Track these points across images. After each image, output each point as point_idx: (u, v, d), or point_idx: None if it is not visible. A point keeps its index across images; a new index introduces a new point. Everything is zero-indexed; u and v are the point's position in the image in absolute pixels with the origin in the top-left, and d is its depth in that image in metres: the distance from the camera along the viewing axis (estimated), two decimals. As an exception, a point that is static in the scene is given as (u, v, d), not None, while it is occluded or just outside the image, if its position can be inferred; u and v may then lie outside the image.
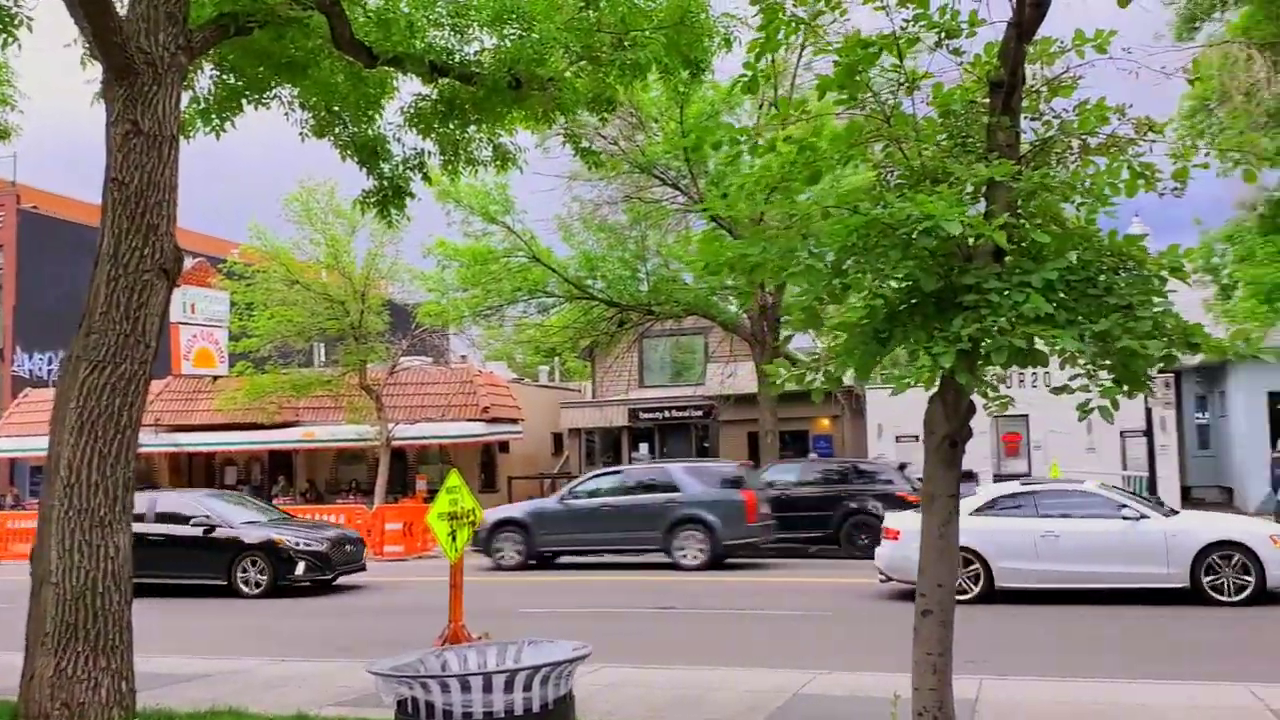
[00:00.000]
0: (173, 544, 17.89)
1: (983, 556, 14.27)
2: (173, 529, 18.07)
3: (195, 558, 17.89)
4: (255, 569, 17.68)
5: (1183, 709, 8.29)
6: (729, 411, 32.43)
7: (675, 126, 25.09)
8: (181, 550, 17.89)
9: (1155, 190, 5.95)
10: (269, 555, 17.64)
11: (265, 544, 17.73)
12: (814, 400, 6.26)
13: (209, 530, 17.96)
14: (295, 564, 17.63)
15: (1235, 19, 21.68)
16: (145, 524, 18.06)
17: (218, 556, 17.79)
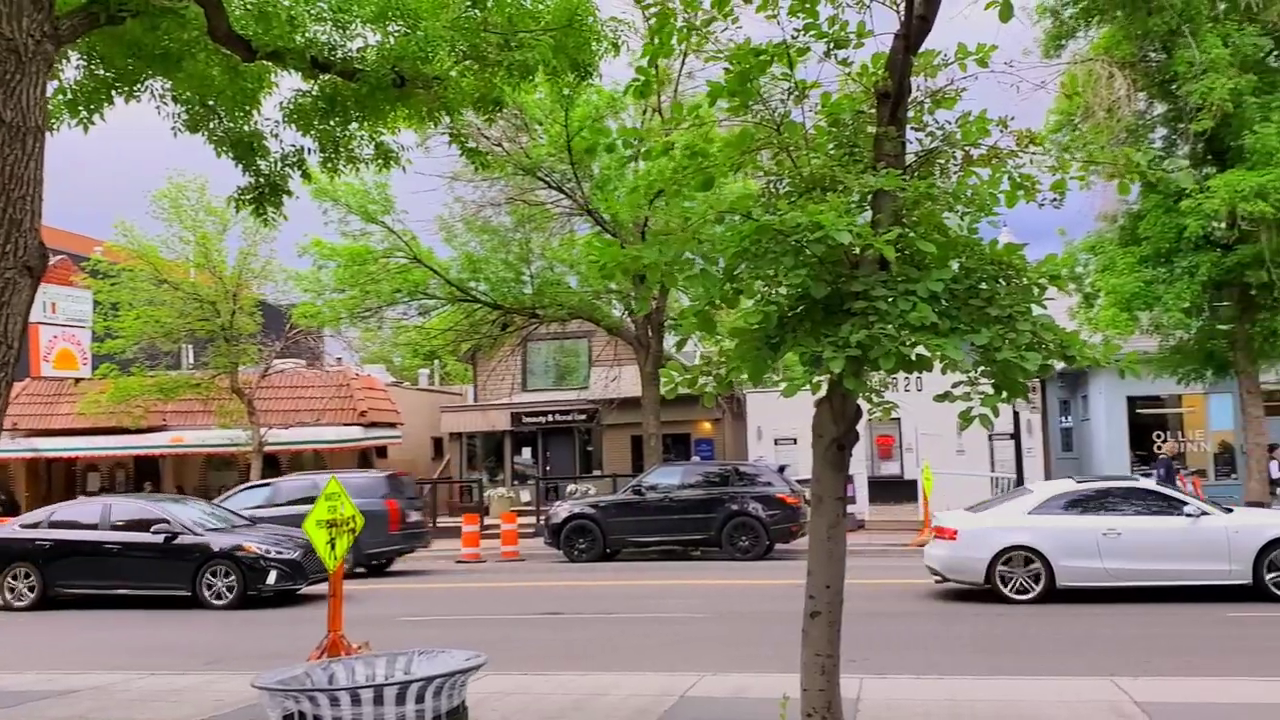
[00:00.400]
0: (131, 553, 17.00)
1: (1044, 555, 14.29)
2: (131, 536, 17.13)
3: (156, 567, 16.91)
4: (223, 578, 16.67)
5: (1051, 704, 8.57)
6: (612, 415, 32.46)
7: (560, 129, 25.01)
8: (141, 560, 16.95)
9: (1035, 201, 6.14)
10: (238, 564, 16.66)
11: (234, 552, 16.74)
12: (705, 404, 6.29)
13: (171, 538, 16.92)
14: (266, 573, 16.63)
15: (1098, 38, 22.64)
16: (100, 532, 17.37)
17: (181, 566, 16.79)
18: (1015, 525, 14.62)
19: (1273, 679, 9.42)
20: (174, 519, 17.27)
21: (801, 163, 6.13)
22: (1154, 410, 29.57)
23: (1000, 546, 14.47)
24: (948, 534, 15.02)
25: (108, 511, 17.72)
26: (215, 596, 16.54)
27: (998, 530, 14.66)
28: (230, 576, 16.61)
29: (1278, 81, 21.08)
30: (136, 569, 16.97)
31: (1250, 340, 21.70)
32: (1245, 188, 19.33)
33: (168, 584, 16.84)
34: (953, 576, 15.09)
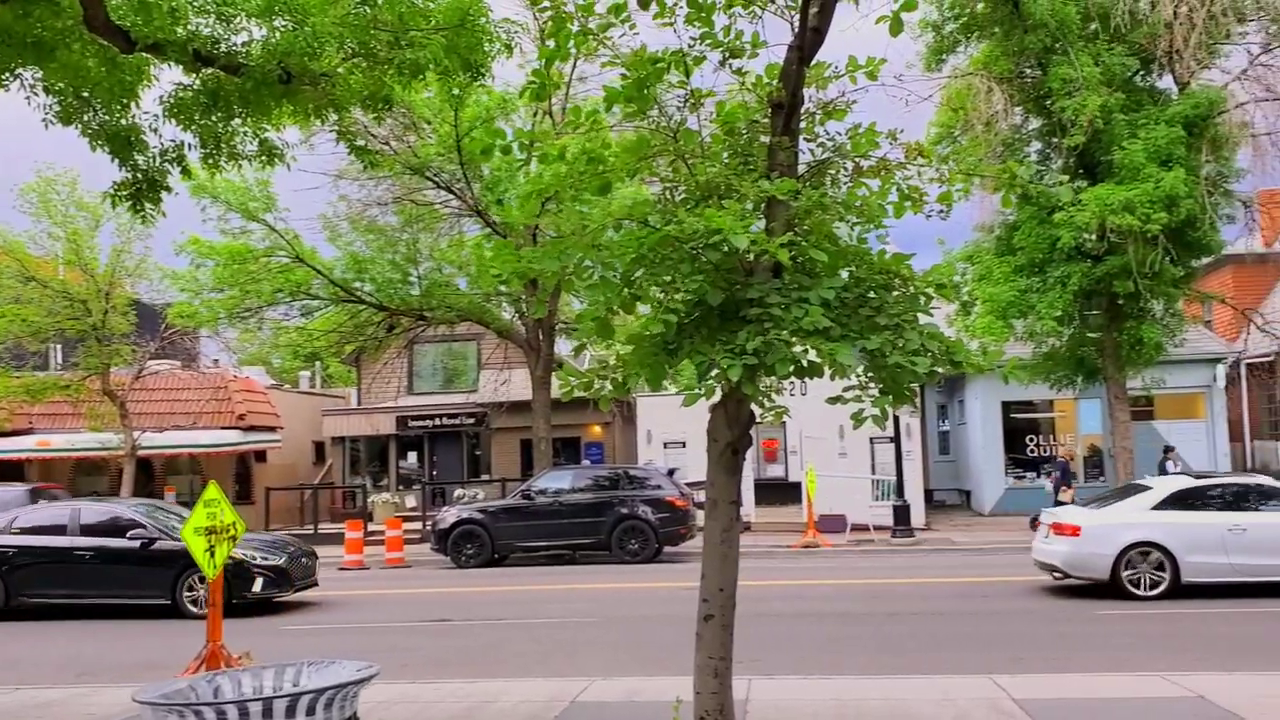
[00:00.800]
0: (104, 560, 16.05)
1: (1169, 551, 14.37)
2: (103, 542, 16.16)
3: (132, 575, 16.01)
4: (205, 586, 15.83)
5: (934, 702, 8.80)
6: (502, 419, 32.23)
7: (449, 129, 24.75)
8: (115, 567, 16.03)
9: (922, 212, 6.31)
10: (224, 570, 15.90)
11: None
12: (602, 408, 6.28)
13: (148, 543, 16.00)
14: (252, 580, 15.76)
15: (977, 53, 23.38)
16: (68, 537, 16.41)
17: (159, 573, 15.86)
18: (1140, 521, 14.75)
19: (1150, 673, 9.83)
20: (150, 524, 16.36)
21: (698, 170, 6.18)
22: (1027, 415, 30.65)
23: (1126, 543, 14.57)
24: (1068, 530, 15.04)
25: (76, 516, 16.74)
26: (195, 604, 15.60)
27: (1122, 526, 14.75)
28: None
29: (1144, 100, 22.09)
30: (110, 577, 16.06)
31: (1118, 348, 22.67)
32: (1114, 201, 20.19)
33: (144, 592, 15.96)
34: (1075, 573, 15.14)
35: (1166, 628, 12.68)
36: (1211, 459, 28.46)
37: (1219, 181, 21.91)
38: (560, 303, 28.16)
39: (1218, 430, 28.84)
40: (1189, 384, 28.70)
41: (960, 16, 22.72)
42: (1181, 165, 20.45)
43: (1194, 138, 21.08)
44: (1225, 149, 21.65)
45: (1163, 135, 20.60)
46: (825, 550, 22.83)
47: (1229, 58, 22.80)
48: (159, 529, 16.23)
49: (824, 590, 16.97)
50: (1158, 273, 21.19)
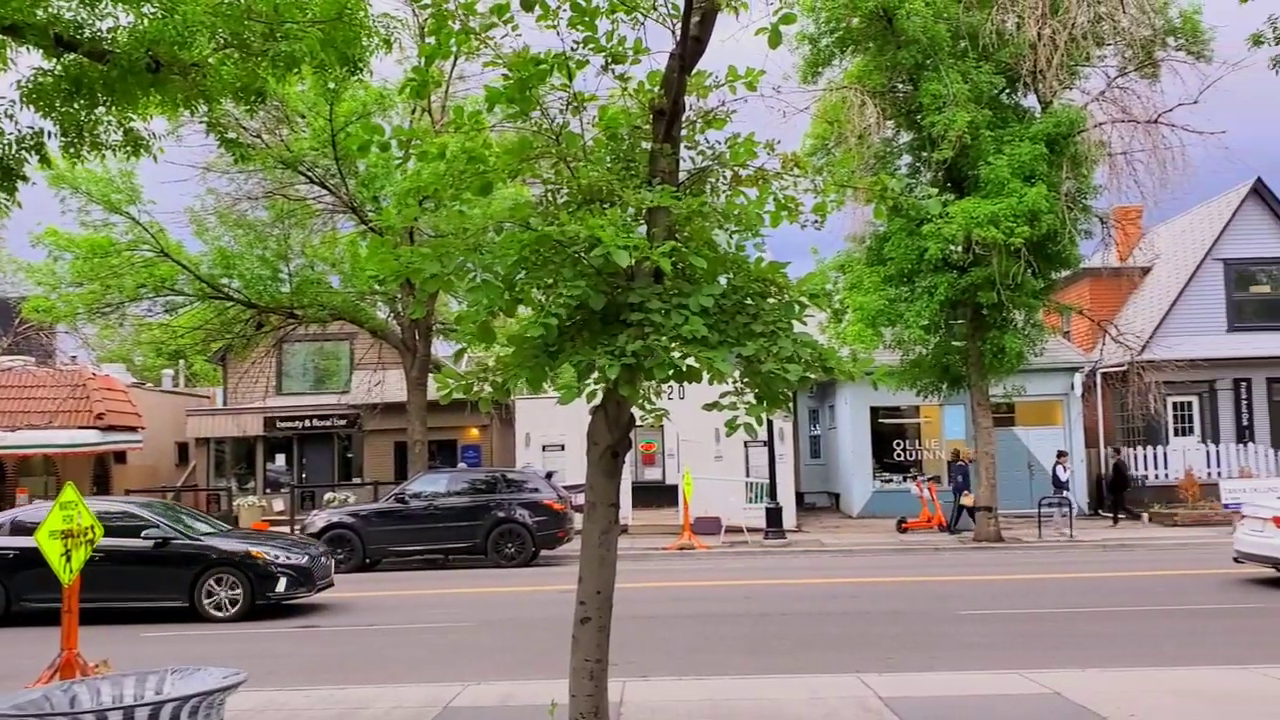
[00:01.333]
0: (114, 561, 14.96)
1: None
2: (113, 543, 14.73)
3: (145, 577, 15.23)
4: (227, 588, 15.19)
5: (804, 701, 8.98)
6: (375, 421, 31.67)
7: (324, 124, 24.25)
8: (127, 569, 15.16)
9: (798, 222, 6.44)
10: (243, 571, 15.19)
11: (239, 557, 15.28)
12: (482, 410, 6.24)
13: (163, 543, 15.29)
14: (276, 580, 15.22)
15: (852, 67, 23.97)
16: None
17: (176, 574, 15.18)
18: None
19: (1010, 671, 10.21)
20: (164, 523, 15.67)
21: (580, 174, 6.19)
22: (895, 420, 31.52)
23: None
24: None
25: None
26: (216, 607, 15.12)
27: None
28: (236, 586, 15.19)
29: (1009, 117, 22.97)
30: (121, 579, 15.18)
31: (981, 356, 23.50)
32: (980, 215, 20.94)
33: (159, 595, 15.26)
34: None
35: (1035, 627, 13.19)
36: (1068, 463, 29.71)
37: (1078, 198, 22.90)
38: (438, 303, 27.81)
39: (1074, 436, 30.15)
40: (1048, 392, 29.94)
41: (836, 31, 23.25)
42: (1043, 181, 21.32)
43: (1055, 155, 22.00)
44: (1084, 167, 22.65)
45: (1026, 152, 21.44)
46: (700, 552, 23.07)
47: (1088, 79, 23.90)
48: (173, 528, 15.65)
49: (698, 592, 17.14)
50: (1020, 284, 22.05)
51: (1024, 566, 19.48)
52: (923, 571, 19.19)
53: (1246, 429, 29.90)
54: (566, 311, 5.56)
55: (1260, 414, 30.13)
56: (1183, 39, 22.81)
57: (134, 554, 15.24)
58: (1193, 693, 8.89)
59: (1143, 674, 9.83)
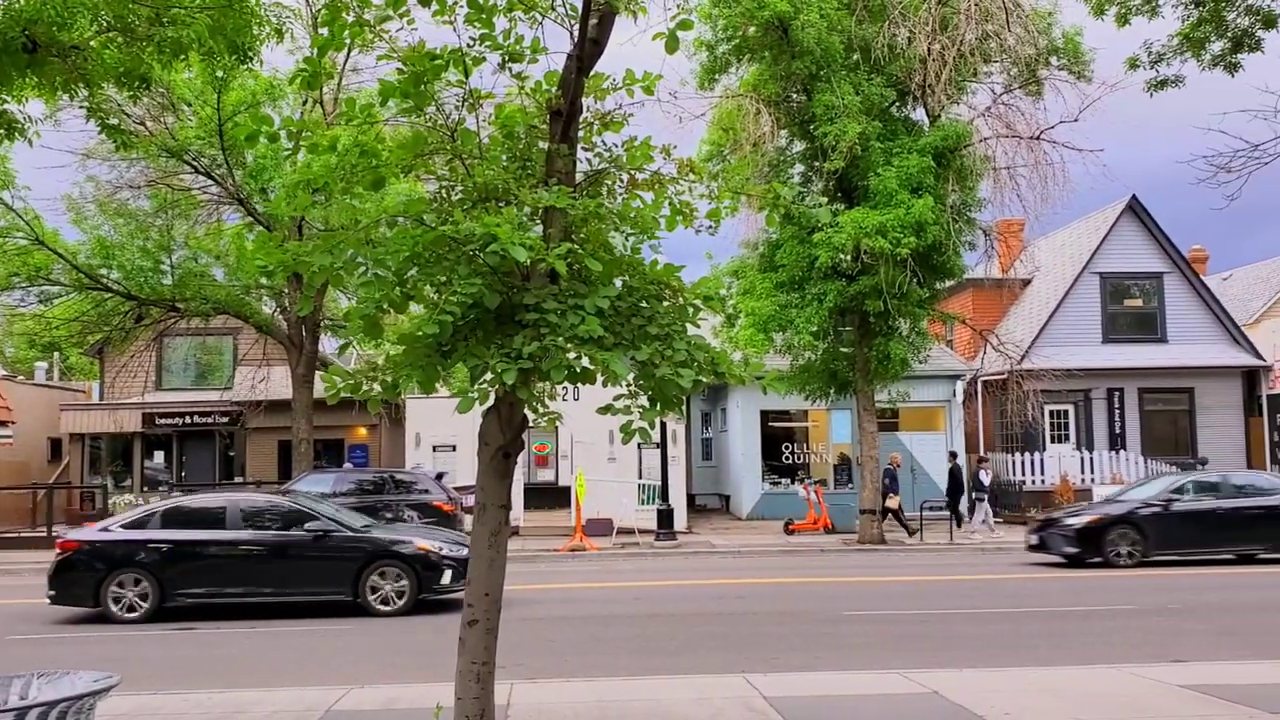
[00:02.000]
0: (273, 554, 14.88)
1: None
2: (271, 535, 15.05)
3: (307, 570, 14.93)
4: (392, 581, 14.90)
5: (691, 702, 9.05)
6: (259, 418, 30.91)
7: (211, 112, 23.60)
8: (287, 562, 14.90)
9: (692, 227, 6.49)
10: (409, 563, 14.92)
11: (404, 550, 15.06)
12: (371, 410, 6.13)
13: (322, 535, 14.98)
14: (441, 572, 14.96)
15: (748, 75, 24.26)
16: (229, 530, 15.05)
17: (340, 567, 14.89)
18: None
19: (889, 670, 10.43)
20: (324, 514, 15.47)
21: (475, 172, 6.14)
22: (784, 424, 32.00)
23: None
24: None
25: (235, 507, 15.40)
26: (382, 601, 14.86)
27: None
28: (401, 579, 14.90)
29: (899, 130, 23.50)
30: (281, 573, 14.91)
31: (868, 362, 24.00)
32: (869, 225, 21.39)
33: (322, 589, 14.96)
34: None
35: (916, 628, 13.50)
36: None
37: (963, 210, 23.57)
38: (326, 299, 27.27)
39: (955, 442, 31.01)
40: (931, 398, 30.76)
41: (733, 39, 23.50)
42: (930, 193, 21.88)
43: (942, 168, 22.60)
44: (969, 180, 23.31)
45: (914, 164, 21.97)
46: (591, 554, 23.08)
47: (975, 95, 24.61)
48: (334, 520, 15.42)
49: (589, 593, 17.14)
50: (905, 293, 22.60)
51: (906, 568, 19.95)
52: (808, 573, 19.52)
53: (1119, 437, 31.15)
54: (461, 310, 5.51)
55: (1132, 422, 31.43)
56: (1065, 59, 23.64)
57: (295, 547, 15.01)
58: (1064, 692, 9.21)
59: (1017, 674, 10.15)
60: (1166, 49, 11.58)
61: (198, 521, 15.23)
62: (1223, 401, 31.81)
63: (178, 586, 14.77)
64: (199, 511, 15.54)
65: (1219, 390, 31.80)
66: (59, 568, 14.85)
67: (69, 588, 14.83)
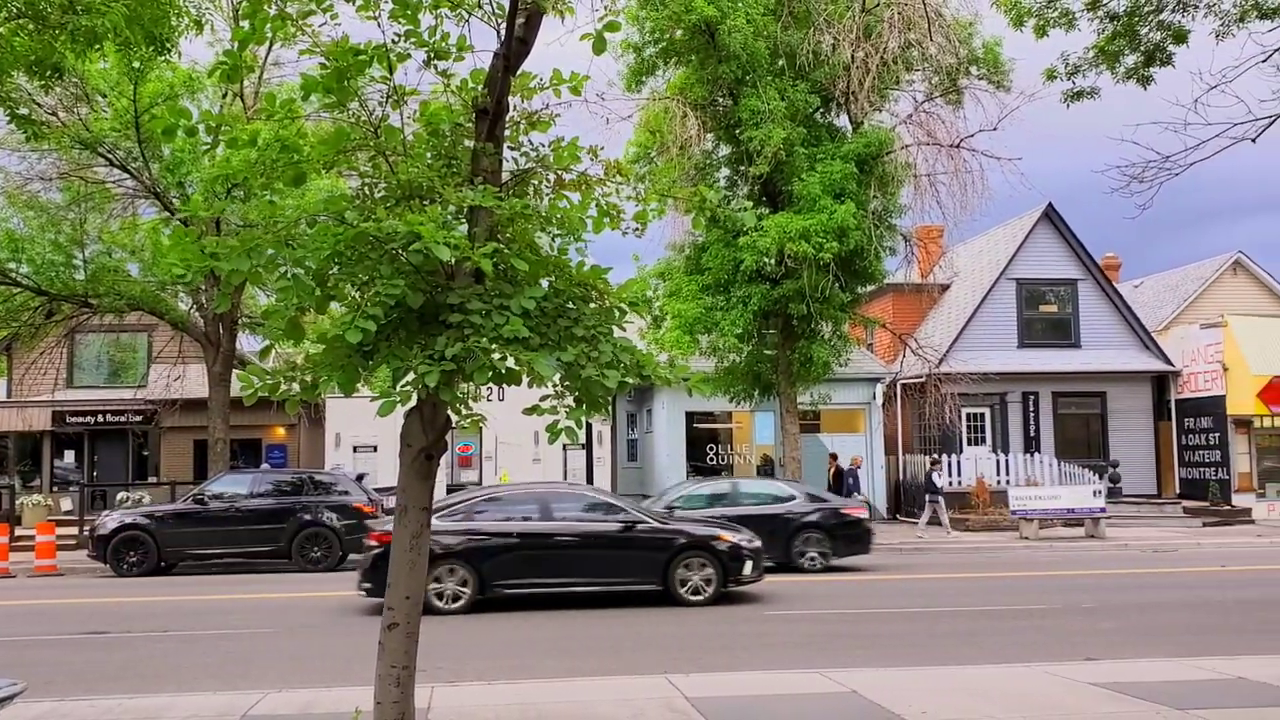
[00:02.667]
0: (587, 546, 15.26)
1: None
2: (584, 527, 15.45)
3: (619, 561, 15.29)
4: (698, 571, 15.27)
5: (613, 703, 9.04)
6: (174, 417, 30.22)
7: (127, 104, 23.02)
8: (599, 553, 15.29)
9: (619, 229, 6.49)
10: (715, 554, 15.29)
11: (709, 541, 15.39)
12: (289, 411, 6.03)
13: (629, 527, 15.39)
14: (744, 563, 15.39)
15: (674, 78, 24.37)
16: (543, 523, 15.44)
17: (651, 558, 15.25)
18: None
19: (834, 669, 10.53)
20: (629, 506, 16.12)
21: (399, 169, 6.06)
22: (709, 425, 32.19)
23: None
24: None
25: (545, 499, 15.90)
26: (692, 591, 15.22)
27: None
28: (706, 568, 15.26)
29: (823, 136, 23.80)
30: (594, 563, 15.25)
31: (791, 365, 24.25)
32: (793, 229, 21.62)
33: (633, 579, 15.29)
34: None
35: (838, 628, 13.66)
36: (869, 470, 30.99)
37: (884, 216, 23.94)
38: (245, 295, 26.75)
39: (875, 444, 31.48)
40: (852, 401, 31.17)
41: (660, 41, 23.59)
42: (853, 199, 22.18)
43: (864, 174, 22.93)
44: (891, 186, 23.69)
45: (838, 170, 22.26)
46: (513, 556, 22.90)
47: (898, 102, 25.05)
48: (639, 511, 15.95)
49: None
50: (828, 297, 22.88)
51: (828, 568, 20.15)
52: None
53: (1034, 439, 31.87)
54: (383, 310, 5.44)
55: (1046, 426, 32.18)
56: (985, 69, 24.14)
57: (606, 538, 15.37)
58: (980, 691, 9.39)
59: (934, 672, 10.32)
60: (1082, 61, 11.89)
61: (512, 513, 15.59)
62: (1133, 406, 32.73)
63: (496, 577, 14.98)
64: (511, 503, 15.87)
65: (1130, 395, 32.71)
66: (377, 560, 14.60)
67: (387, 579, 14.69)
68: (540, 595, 15.19)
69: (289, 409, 5.87)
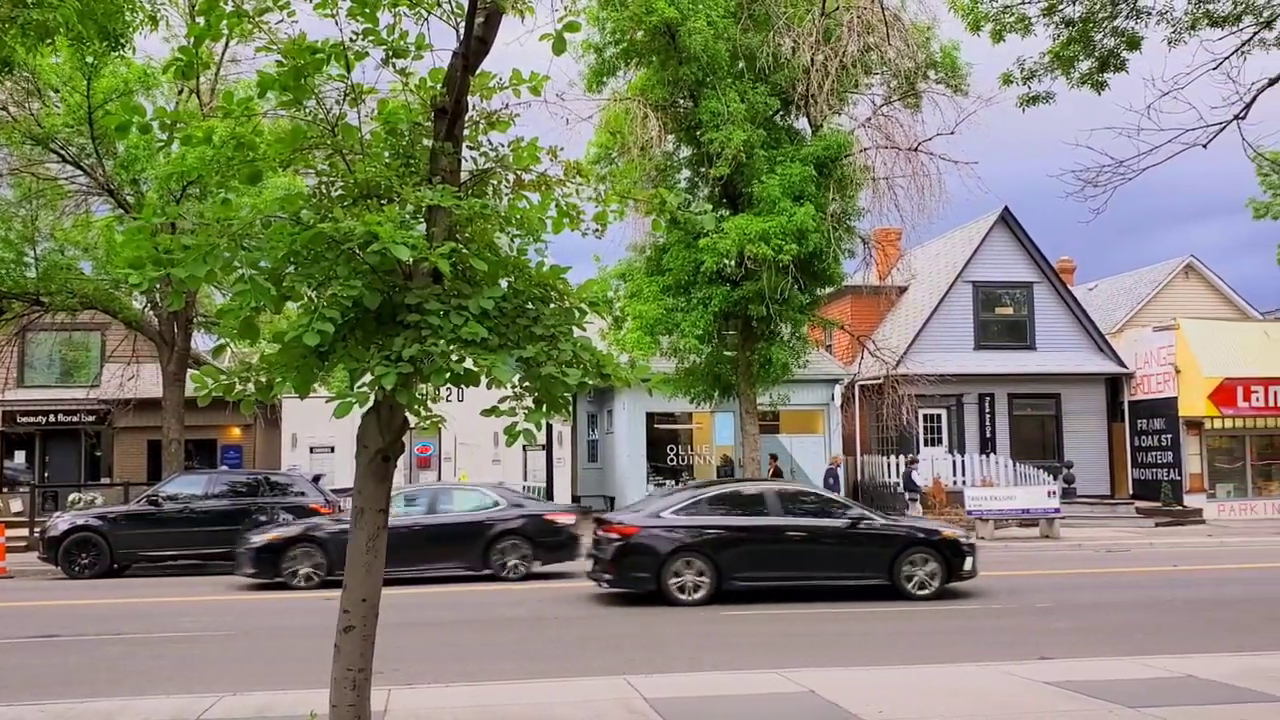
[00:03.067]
0: (816, 540, 15.68)
1: None
2: (815, 523, 15.81)
3: (847, 556, 15.73)
4: (921, 566, 15.72)
5: (572, 704, 9.03)
6: (128, 418, 29.81)
7: (81, 99, 22.69)
8: (828, 547, 15.73)
9: (579, 230, 6.48)
10: (938, 549, 15.80)
11: (933, 537, 15.92)
12: (244, 412, 5.96)
13: (856, 522, 15.92)
14: (964, 558, 15.84)
15: (635, 79, 24.36)
16: (773, 516, 15.81)
17: (876, 552, 15.74)
18: None
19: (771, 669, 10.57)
20: (847, 502, 16.81)
21: (357, 168, 6.02)
22: (669, 426, 32.23)
23: None
24: None
25: (773, 494, 16.35)
26: (918, 586, 15.63)
27: None
28: (929, 563, 15.73)
29: (782, 138, 23.89)
30: (822, 558, 15.68)
31: (750, 366, 24.33)
32: (752, 231, 21.68)
33: (859, 574, 15.70)
34: None
35: (798, 627, 13.73)
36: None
37: (843, 219, 24.06)
38: (200, 294, 26.43)
39: (833, 444, 31.68)
40: (810, 402, 31.34)
41: (621, 42, 23.57)
42: (812, 202, 22.28)
43: (824, 177, 23.03)
44: (849, 189, 23.82)
45: (797, 173, 22.35)
46: (472, 557, 22.79)
47: (857, 106, 25.14)
48: (863, 508, 16.59)
49: (469, 597, 16.97)
50: (787, 299, 22.98)
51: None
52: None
53: (989, 440, 32.20)
54: (340, 311, 5.39)
55: (1002, 427, 32.53)
56: (943, 73, 24.34)
57: (834, 533, 15.77)
58: (936, 689, 9.47)
59: (890, 672, 10.40)
60: (1038, 66, 12.04)
61: (742, 508, 16.06)
62: (1087, 407, 33.16)
63: (732, 570, 15.36)
64: (742, 498, 16.35)
65: (1084, 396, 33.13)
66: (620, 552, 15.36)
67: (629, 571, 15.50)
68: (771, 589, 15.62)
69: (243, 410, 5.81)
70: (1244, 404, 30.86)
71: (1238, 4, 11.32)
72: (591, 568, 16.15)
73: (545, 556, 19.14)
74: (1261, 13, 11.28)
